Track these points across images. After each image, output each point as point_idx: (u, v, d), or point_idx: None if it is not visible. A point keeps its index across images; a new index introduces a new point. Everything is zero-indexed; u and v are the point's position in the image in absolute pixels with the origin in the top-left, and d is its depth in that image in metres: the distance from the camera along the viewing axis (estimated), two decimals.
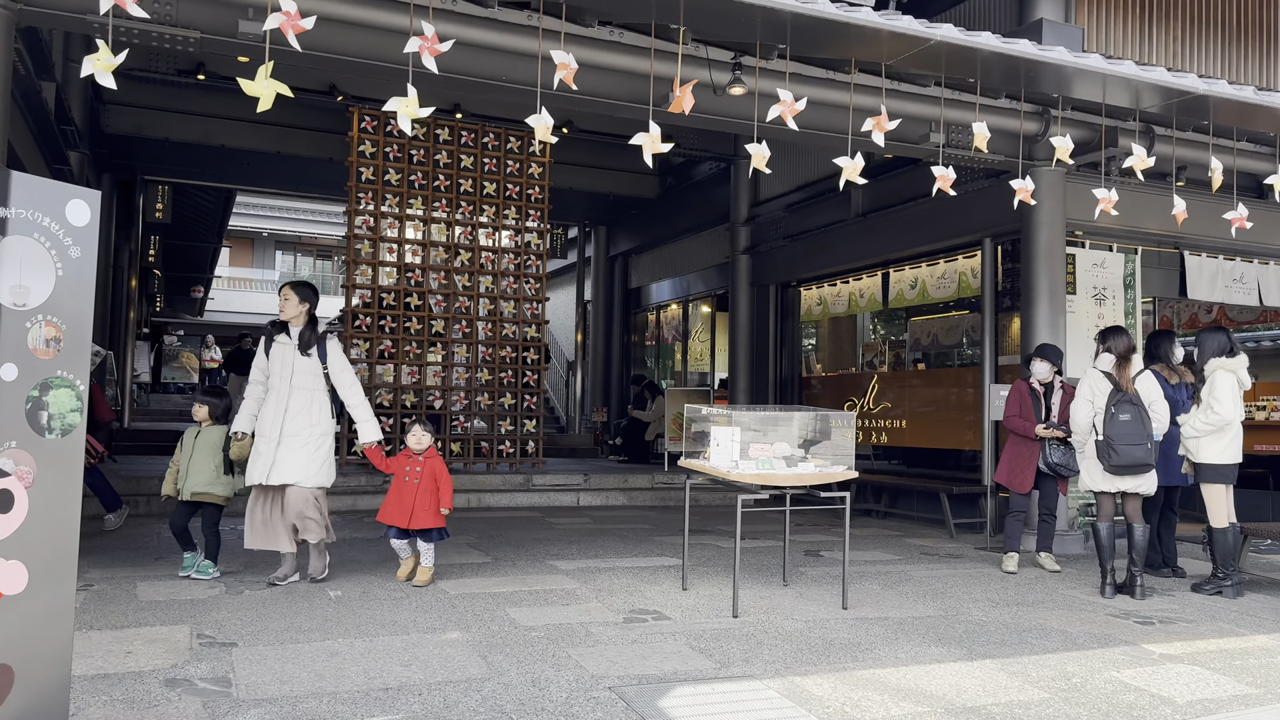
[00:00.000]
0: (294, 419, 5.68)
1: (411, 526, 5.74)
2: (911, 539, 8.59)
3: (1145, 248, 9.13)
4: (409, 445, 5.87)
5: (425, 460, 5.82)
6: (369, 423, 5.88)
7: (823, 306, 11.96)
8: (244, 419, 5.80)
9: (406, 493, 5.76)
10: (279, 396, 5.72)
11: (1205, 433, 6.28)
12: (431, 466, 5.82)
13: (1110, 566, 6.25)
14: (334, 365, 5.82)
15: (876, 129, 5.50)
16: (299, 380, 5.74)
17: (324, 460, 5.76)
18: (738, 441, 5.63)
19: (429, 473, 5.80)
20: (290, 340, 5.81)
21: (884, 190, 10.44)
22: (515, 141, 11.34)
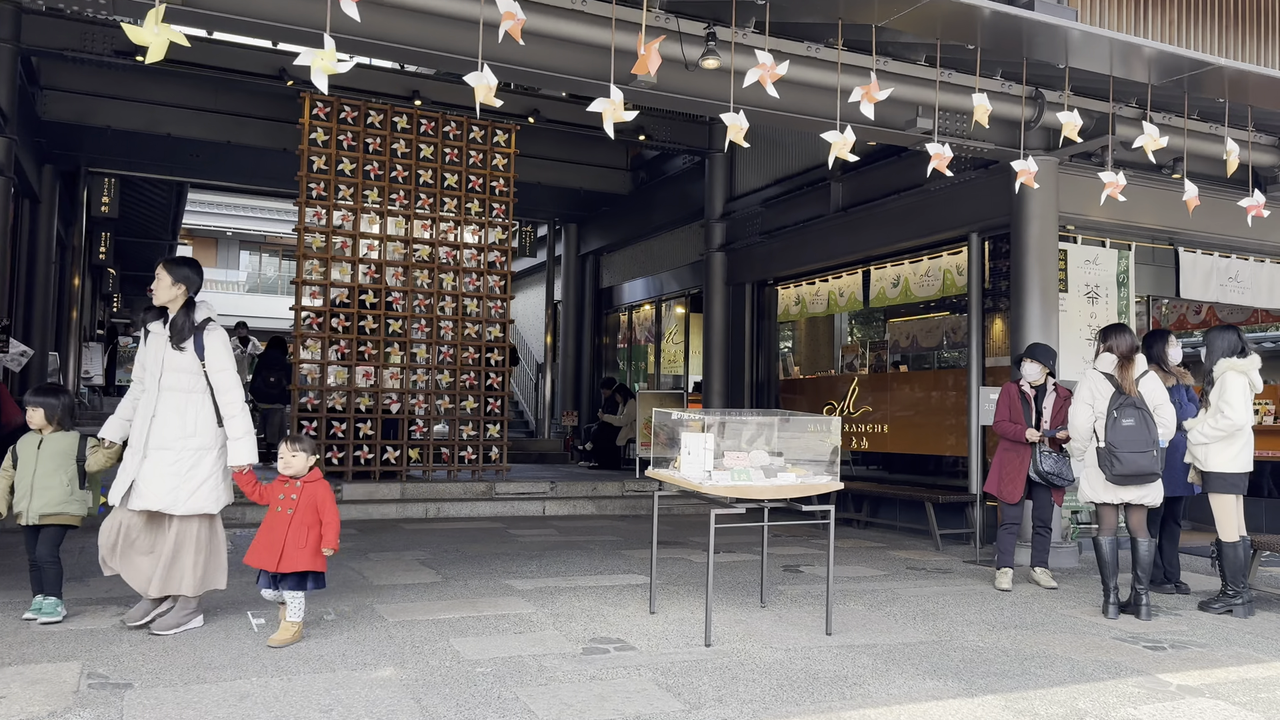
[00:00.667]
0: (162, 428, 4.64)
1: (281, 569, 4.49)
2: (896, 551, 8.09)
3: (1139, 243, 8.70)
4: (279, 468, 4.64)
5: (304, 486, 4.60)
6: (242, 440, 4.72)
7: (801, 306, 11.47)
8: (113, 424, 4.83)
9: (278, 527, 4.54)
10: (148, 399, 4.71)
11: (1214, 439, 5.82)
12: (311, 494, 4.60)
13: (1114, 584, 5.77)
14: (212, 362, 4.72)
15: (866, 99, 4.97)
16: (171, 380, 4.69)
17: (201, 482, 4.66)
18: (711, 450, 5.10)
19: (308, 502, 4.57)
20: (163, 330, 4.76)
21: (865, 184, 9.97)
22: (478, 131, 10.77)
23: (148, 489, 4.58)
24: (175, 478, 4.60)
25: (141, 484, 4.59)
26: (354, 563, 6.75)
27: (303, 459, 4.61)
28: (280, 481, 4.62)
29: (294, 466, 4.60)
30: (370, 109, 10.31)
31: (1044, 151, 7.76)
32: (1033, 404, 6.61)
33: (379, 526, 8.84)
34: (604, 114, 4.64)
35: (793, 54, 6.21)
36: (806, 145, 10.97)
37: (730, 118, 5.17)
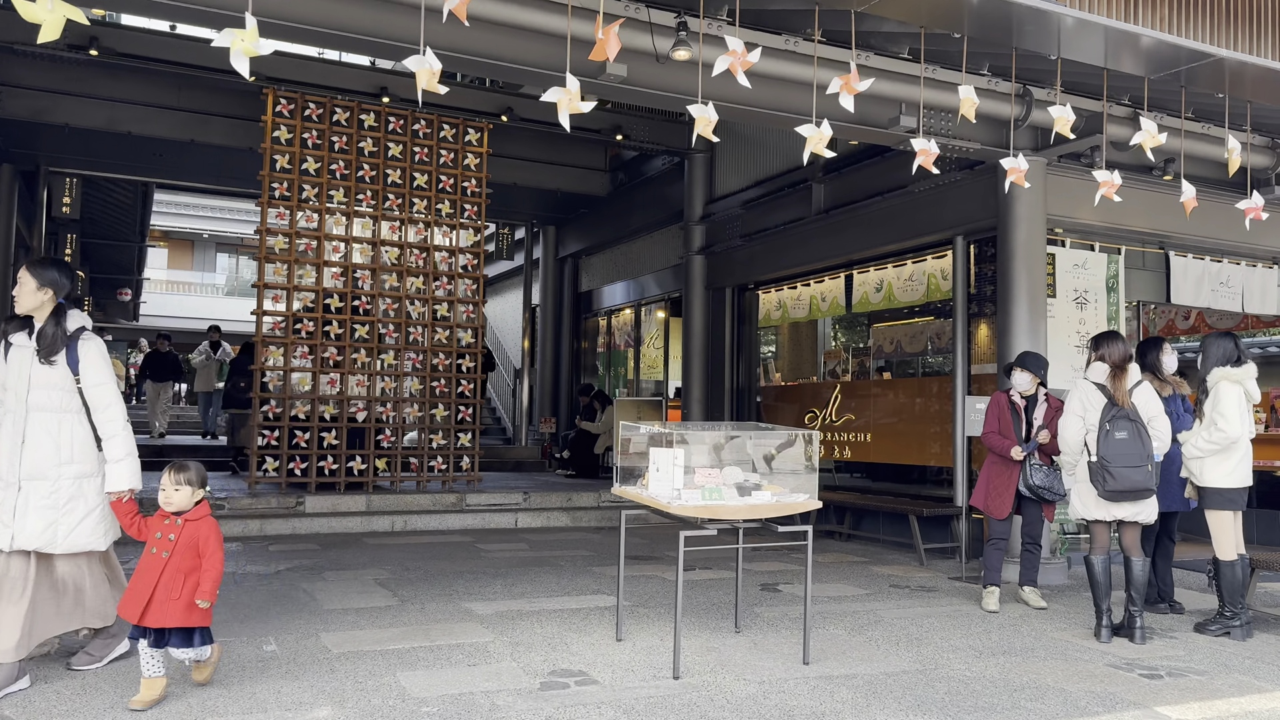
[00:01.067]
0: (35, 454, 4.06)
1: (145, 623, 3.75)
2: (878, 567, 7.78)
3: (1129, 247, 8.43)
4: (160, 500, 3.93)
5: (185, 525, 3.87)
6: (123, 463, 4.14)
7: (782, 311, 11.17)
8: None
9: (149, 571, 3.81)
10: (14, 421, 4.09)
11: (1210, 452, 5.54)
12: (193, 534, 3.86)
13: (1106, 606, 5.48)
14: (88, 376, 4.15)
15: (845, 90, 4.66)
16: (40, 398, 4.10)
17: (84, 515, 4.13)
18: (681, 466, 4.78)
19: (188, 543, 3.84)
20: (29, 342, 4.16)
21: (847, 185, 9.67)
22: (449, 129, 10.42)
23: (22, 526, 4.01)
24: (53, 510, 4.06)
25: (16, 520, 4.02)
26: (307, 583, 6.39)
27: (187, 493, 3.90)
28: (160, 517, 3.92)
29: (175, 502, 3.89)
30: (336, 106, 9.95)
31: (1032, 151, 7.49)
32: (1022, 415, 6.33)
33: (341, 541, 8.47)
34: (559, 104, 4.31)
35: (768, 46, 5.89)
36: (787, 146, 10.66)
37: (698, 110, 4.85)
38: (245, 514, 8.96)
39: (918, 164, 5.05)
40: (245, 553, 7.67)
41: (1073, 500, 5.66)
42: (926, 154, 4.94)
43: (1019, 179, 5.36)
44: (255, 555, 7.55)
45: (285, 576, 6.63)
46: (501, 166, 12.57)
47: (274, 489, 9.62)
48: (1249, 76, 4.74)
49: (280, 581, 6.43)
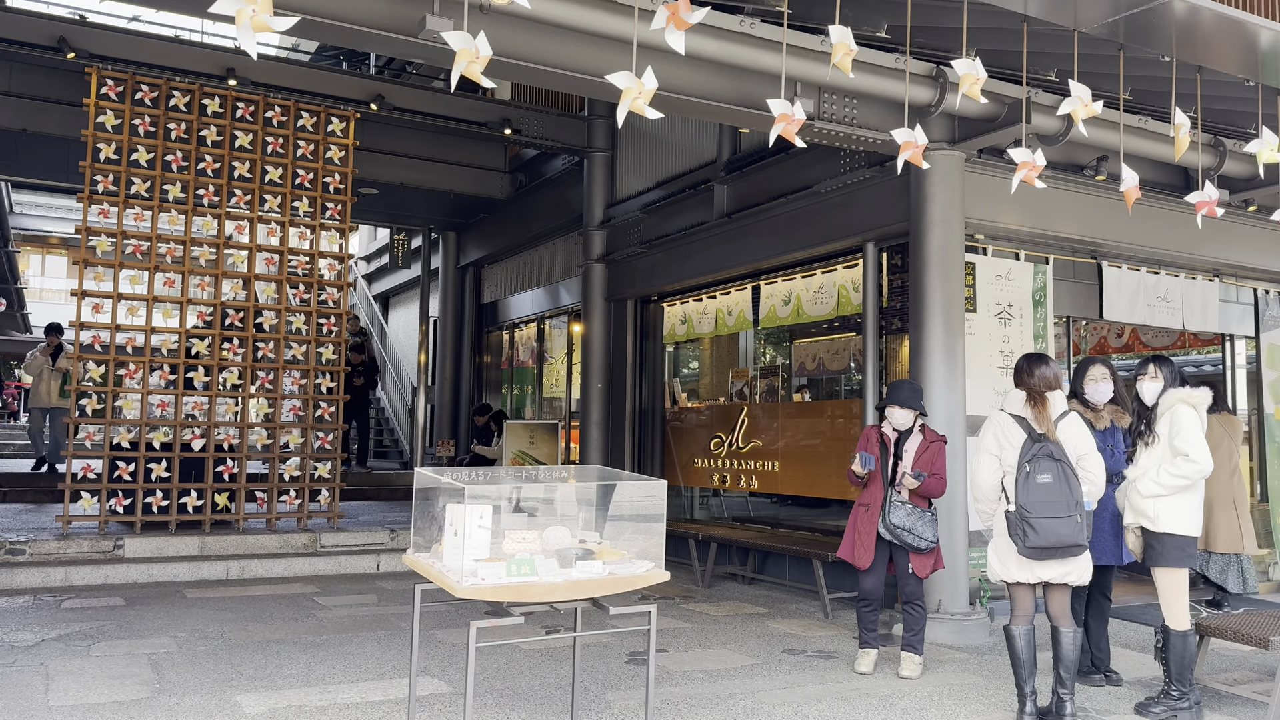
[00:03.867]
0: None
1: None
2: (777, 621, 6.74)
3: (1058, 256, 7.56)
4: None
5: None
6: None
7: (687, 325, 10.14)
8: None
9: None
10: None
11: (1175, 489, 4.59)
12: None
13: (1030, 688, 4.49)
14: None
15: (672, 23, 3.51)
16: None
17: None
18: (488, 528, 3.67)
19: None
20: None
21: (751, 186, 8.69)
22: (309, 118, 9.21)
23: None
24: None
25: None
26: (59, 661, 5.13)
27: None
28: None
29: None
30: (174, 88, 8.69)
31: (948, 145, 6.56)
32: (891, 448, 5.39)
33: (158, 594, 7.20)
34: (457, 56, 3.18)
35: None
36: (690, 143, 9.68)
37: (620, 78, 3.66)
38: (48, 560, 7.62)
39: (775, 134, 4.02)
40: (25, 611, 6.37)
41: (989, 558, 4.68)
42: (789, 121, 3.91)
43: (915, 157, 4.38)
44: (34, 615, 6.26)
45: (41, 650, 5.36)
46: (383, 163, 11.42)
47: (94, 529, 8.29)
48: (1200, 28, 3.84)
49: (27, 659, 5.17)
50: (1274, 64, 4.14)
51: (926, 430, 5.47)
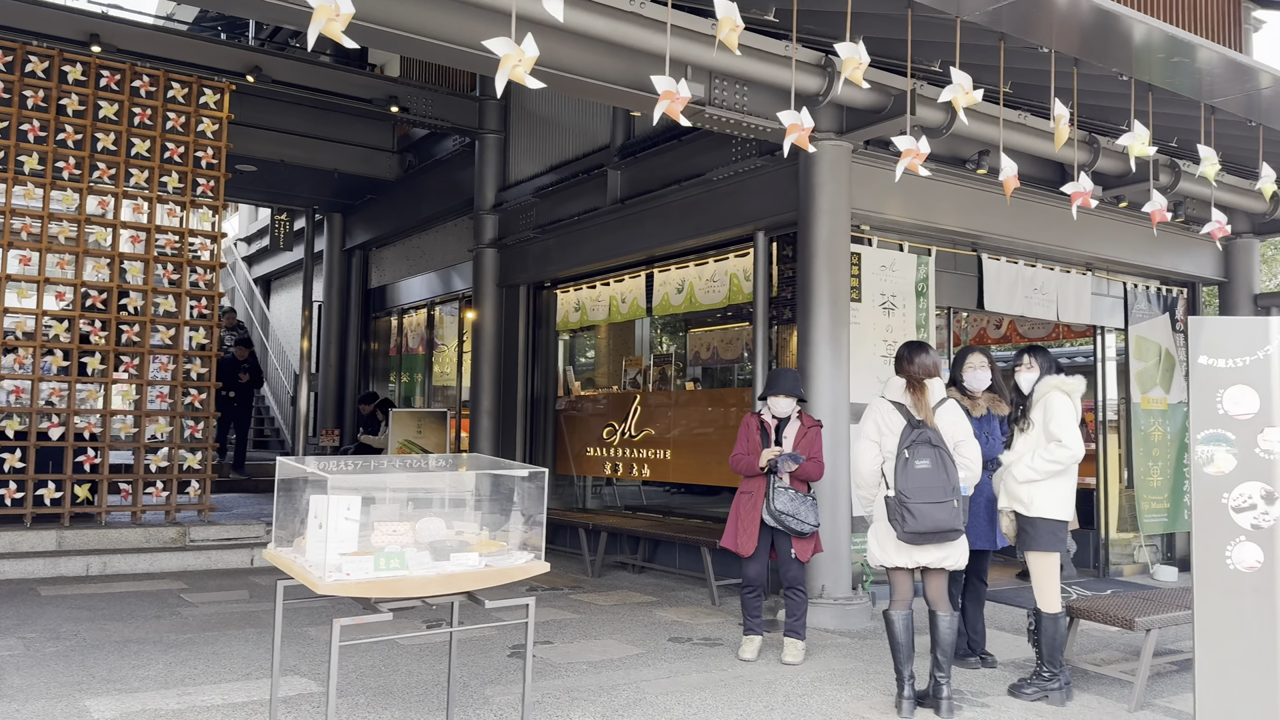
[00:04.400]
0: None
1: None
2: (665, 610, 6.71)
3: (940, 249, 7.72)
4: None
5: None
6: None
7: (581, 313, 10.02)
8: None
9: None
10: None
11: (1048, 474, 4.70)
12: None
13: (909, 672, 4.55)
14: None
15: None
16: None
17: None
18: (356, 520, 3.49)
19: None
20: None
21: (644, 172, 8.61)
22: (180, 88, 8.70)
23: None
24: None
25: None
26: None
27: None
28: None
29: None
30: (31, 53, 8.09)
31: (836, 135, 6.61)
32: (772, 435, 5.42)
33: (7, 592, 6.71)
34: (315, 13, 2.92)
35: None
36: (584, 127, 9.54)
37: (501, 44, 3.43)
38: None
39: (659, 112, 3.93)
40: None
41: (869, 543, 4.72)
42: (673, 99, 3.82)
43: (802, 140, 4.35)
44: None
45: None
46: (263, 139, 10.90)
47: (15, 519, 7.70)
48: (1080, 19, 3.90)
49: None
50: (1148, 59, 4.28)
51: (804, 416, 5.51)
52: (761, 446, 5.44)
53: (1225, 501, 3.81)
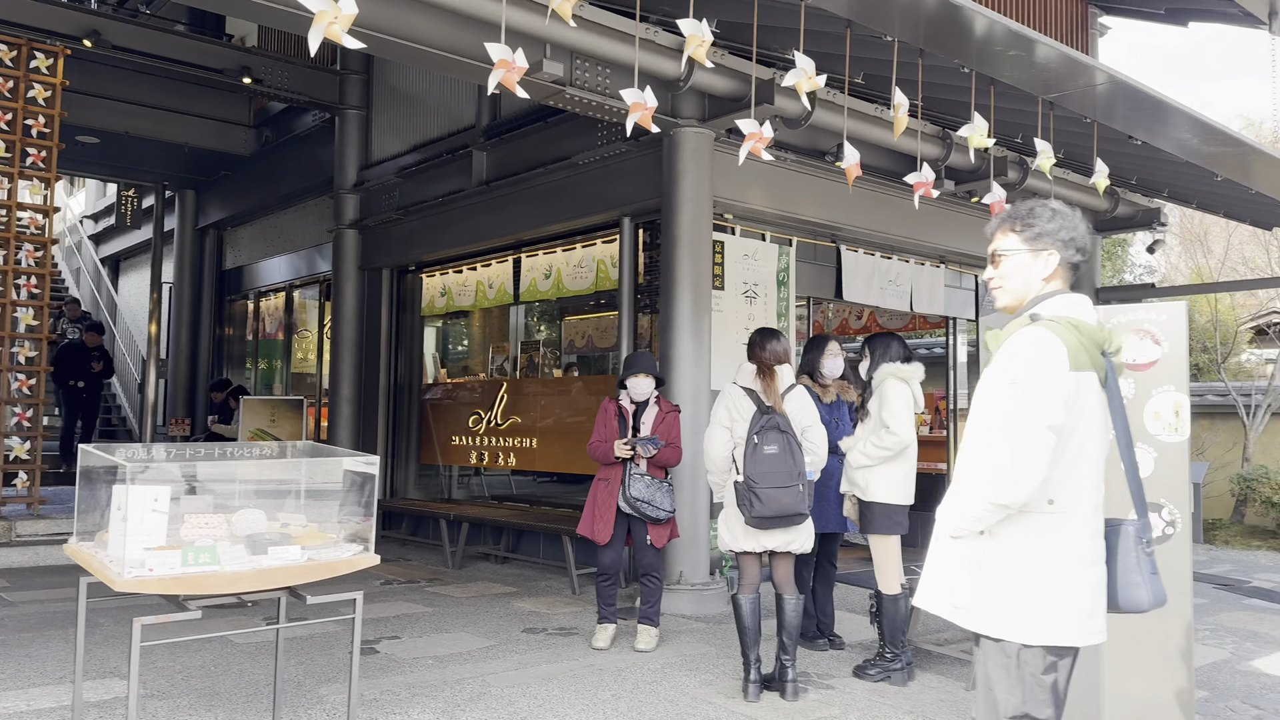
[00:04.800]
0: None
1: None
2: (524, 600, 6.60)
3: (801, 239, 7.82)
4: None
5: None
6: None
7: (447, 297, 9.76)
8: None
9: None
10: None
11: (878, 460, 4.79)
12: None
13: (755, 656, 4.57)
14: None
15: None
16: None
17: None
18: (164, 512, 3.24)
19: None
20: None
21: (511, 154, 8.43)
22: (8, 50, 8.03)
23: None
24: None
25: None
26: None
27: None
28: None
29: None
30: None
31: (698, 122, 6.60)
32: (629, 420, 5.39)
33: None
34: None
35: None
36: (450, 105, 9.28)
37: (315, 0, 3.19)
38: None
39: (494, 81, 3.79)
40: None
41: (719, 528, 4.73)
42: (509, 68, 3.69)
43: (645, 119, 4.30)
44: None
45: None
46: (105, 109, 10.24)
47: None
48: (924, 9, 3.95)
49: None
50: (989, 51, 4.39)
51: (663, 401, 5.48)
52: (620, 433, 5.38)
53: None
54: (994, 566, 2.34)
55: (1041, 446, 2.25)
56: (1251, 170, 6.47)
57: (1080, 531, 2.33)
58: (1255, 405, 11.22)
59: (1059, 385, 2.28)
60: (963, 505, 2.36)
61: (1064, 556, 2.31)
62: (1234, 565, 9.13)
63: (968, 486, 2.35)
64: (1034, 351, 2.31)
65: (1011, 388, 2.31)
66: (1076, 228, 2.48)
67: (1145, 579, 2.36)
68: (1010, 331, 2.39)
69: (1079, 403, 2.32)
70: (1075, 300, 2.44)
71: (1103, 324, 2.43)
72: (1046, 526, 2.31)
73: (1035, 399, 2.27)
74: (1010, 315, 2.52)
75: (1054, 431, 2.27)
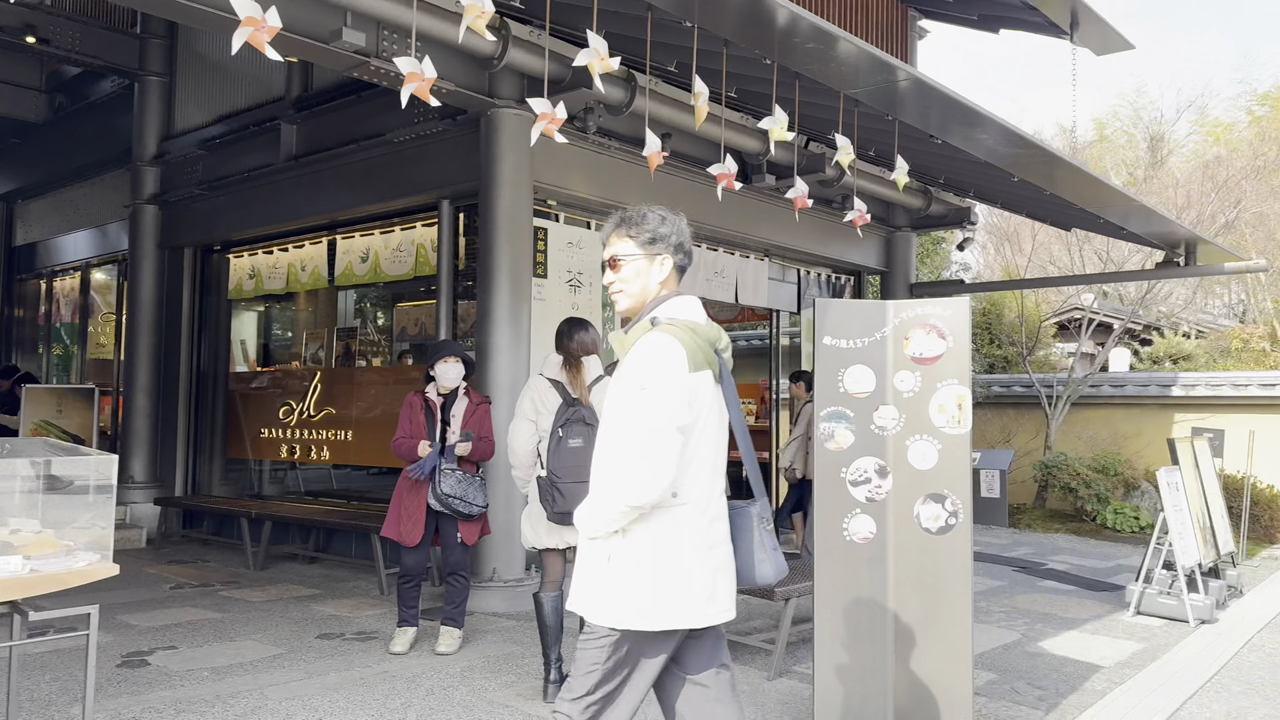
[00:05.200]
0: None
1: None
2: (328, 603, 6.24)
3: None
4: None
5: None
6: None
7: (256, 280, 9.17)
8: None
9: None
10: None
11: None
12: None
13: (557, 654, 4.43)
14: None
15: None
16: None
17: None
18: None
19: None
20: None
21: (323, 128, 7.97)
22: None
23: None
24: None
25: None
26: None
27: None
28: None
29: None
30: None
31: (517, 104, 6.37)
32: (438, 413, 5.17)
33: None
34: None
35: None
36: (258, 75, 8.69)
37: None
38: None
39: (239, 41, 3.46)
40: None
41: (523, 525, 4.54)
42: (257, 26, 3.38)
43: (422, 91, 4.08)
44: None
45: None
46: None
47: None
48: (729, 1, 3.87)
49: None
50: (791, 45, 4.38)
51: (472, 393, 5.25)
52: (427, 426, 5.12)
53: (844, 476, 3.96)
54: (624, 561, 2.41)
55: (670, 448, 2.34)
56: (1041, 170, 6.76)
57: (699, 519, 2.44)
58: (1056, 396, 11.96)
59: (681, 387, 2.38)
60: (599, 508, 2.42)
61: (685, 544, 2.41)
62: (1034, 548, 9.68)
63: (603, 489, 2.42)
64: (657, 356, 2.40)
65: (641, 394, 2.38)
66: (684, 232, 2.62)
67: (768, 555, 2.52)
68: (635, 337, 2.49)
69: (699, 400, 2.43)
70: (687, 302, 2.56)
71: (711, 322, 2.56)
72: (670, 519, 2.41)
73: (661, 403, 2.36)
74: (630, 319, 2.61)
75: (681, 432, 2.37)
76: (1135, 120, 25.34)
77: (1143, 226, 8.13)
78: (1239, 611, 6.78)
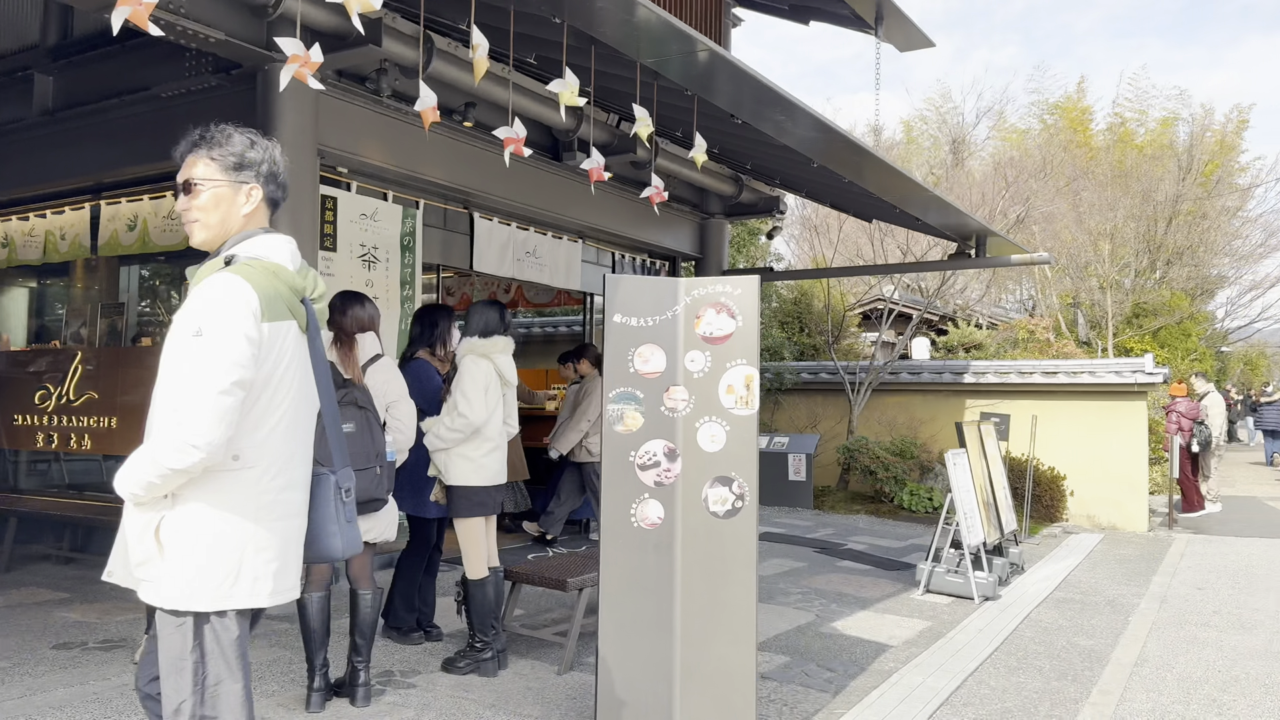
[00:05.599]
0: None
1: None
2: (75, 609, 5.55)
3: (429, 202, 7.33)
4: None
5: None
6: None
7: (10, 249, 8.15)
8: None
9: None
10: None
11: (453, 442, 4.43)
12: None
13: (322, 660, 4.05)
14: None
15: None
16: None
17: None
18: None
19: None
20: None
21: (83, 79, 7.12)
22: None
23: None
24: None
25: None
26: None
27: None
28: None
29: None
30: None
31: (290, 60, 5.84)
32: None
33: None
34: None
35: None
36: (11, 18, 7.70)
37: None
38: None
39: None
40: None
41: None
42: None
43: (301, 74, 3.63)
44: None
45: None
46: None
47: None
48: None
49: None
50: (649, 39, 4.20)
51: None
52: None
53: (632, 459, 3.78)
54: (179, 532, 2.13)
55: (221, 406, 2.06)
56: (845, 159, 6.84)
57: (269, 486, 2.18)
58: (859, 382, 12.37)
59: (247, 337, 2.11)
60: (134, 469, 2.12)
61: (249, 513, 2.16)
62: (835, 529, 9.94)
63: (146, 448, 2.12)
64: (222, 299, 2.12)
65: (195, 340, 2.10)
66: (277, 161, 2.38)
67: (341, 528, 2.33)
68: (206, 273, 2.21)
69: (275, 353, 2.18)
70: (276, 241, 2.28)
71: (305, 268, 2.33)
72: (232, 485, 2.15)
73: (218, 354, 2.08)
74: None
75: (241, 387, 2.10)
76: (941, 124, 26.86)
77: (939, 219, 8.43)
78: (1020, 588, 7.13)
